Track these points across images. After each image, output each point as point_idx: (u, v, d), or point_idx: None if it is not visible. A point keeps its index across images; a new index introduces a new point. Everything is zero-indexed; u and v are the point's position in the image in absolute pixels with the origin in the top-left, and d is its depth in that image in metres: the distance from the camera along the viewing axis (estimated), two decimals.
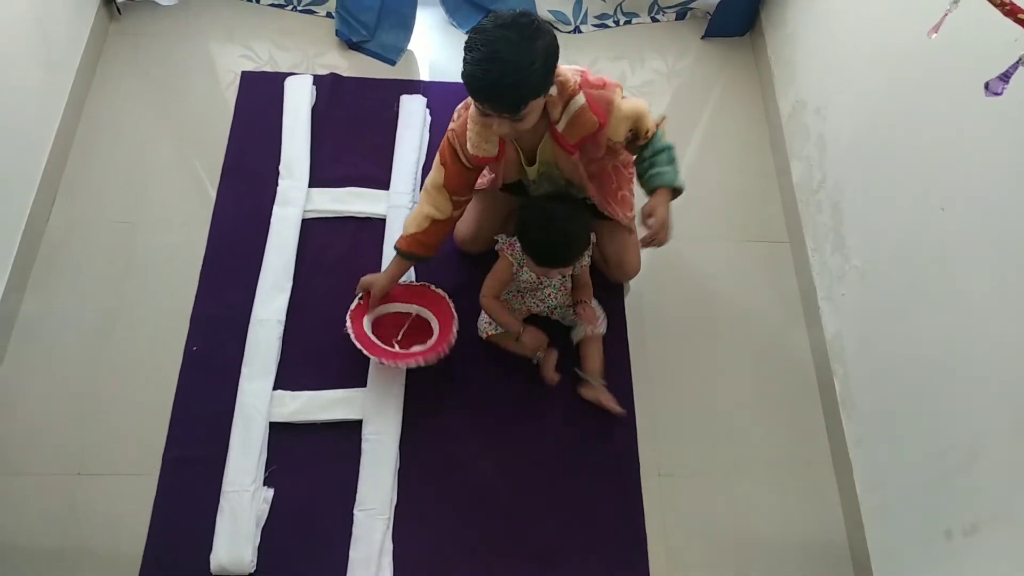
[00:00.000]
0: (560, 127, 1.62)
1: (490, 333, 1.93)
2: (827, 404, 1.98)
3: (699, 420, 1.98)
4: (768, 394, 2.03)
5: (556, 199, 1.77)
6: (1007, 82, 0.75)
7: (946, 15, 0.80)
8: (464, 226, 2.01)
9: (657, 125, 1.72)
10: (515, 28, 1.40)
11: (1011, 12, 0.73)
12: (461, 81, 2.39)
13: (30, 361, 1.88)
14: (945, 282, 1.57)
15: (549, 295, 1.92)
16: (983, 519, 1.43)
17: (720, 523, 1.86)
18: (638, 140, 1.72)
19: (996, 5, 0.74)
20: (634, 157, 1.77)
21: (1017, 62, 0.71)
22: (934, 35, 0.84)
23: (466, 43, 1.44)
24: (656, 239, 1.70)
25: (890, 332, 1.76)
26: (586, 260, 1.88)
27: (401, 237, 1.83)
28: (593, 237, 1.84)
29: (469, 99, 1.62)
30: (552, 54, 1.45)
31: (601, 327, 1.95)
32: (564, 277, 1.90)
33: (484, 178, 1.91)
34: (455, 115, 1.71)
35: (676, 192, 1.73)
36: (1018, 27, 0.75)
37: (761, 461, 1.94)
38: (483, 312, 1.94)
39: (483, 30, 1.42)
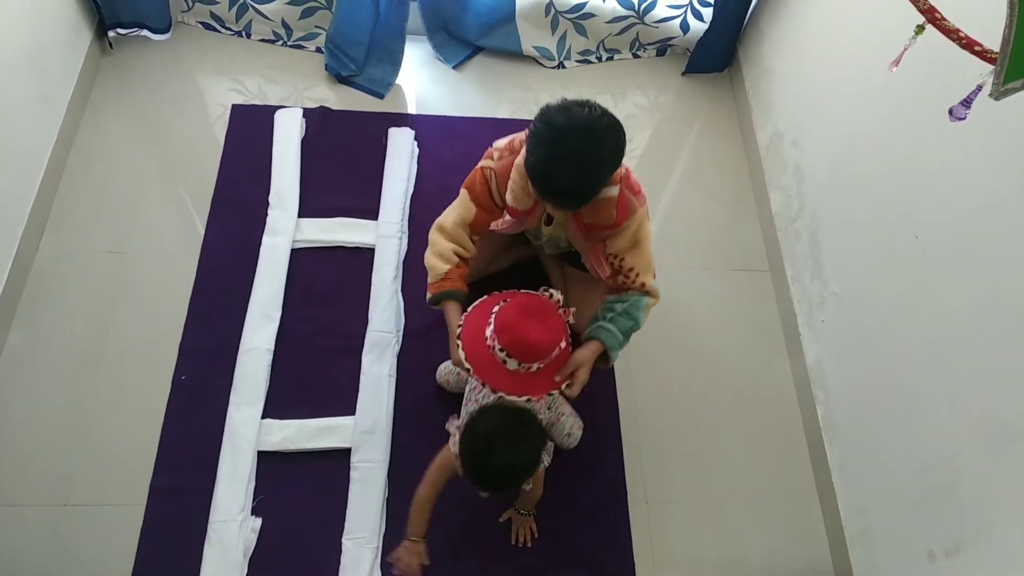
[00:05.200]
0: None
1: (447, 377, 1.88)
2: (810, 429, 2.01)
3: (685, 448, 2.00)
4: (752, 420, 2.05)
5: (506, 416, 1.50)
6: (969, 107, 0.80)
7: (905, 49, 0.85)
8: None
9: (648, 291, 1.65)
10: (588, 135, 1.35)
11: (968, 45, 0.78)
12: (448, 114, 2.44)
13: (17, 391, 1.88)
14: (921, 306, 1.61)
15: None
16: (964, 539, 1.46)
17: (706, 549, 1.87)
18: (619, 276, 1.64)
19: (953, 39, 0.79)
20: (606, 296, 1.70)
21: (977, 88, 0.75)
22: (895, 68, 0.89)
23: (535, 132, 1.38)
24: (568, 392, 1.58)
25: (870, 357, 1.80)
26: (546, 461, 1.64)
27: (436, 282, 1.67)
28: (546, 460, 1.63)
29: (513, 143, 1.61)
30: (620, 152, 1.42)
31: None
32: (551, 409, 1.78)
33: (498, 223, 1.80)
34: (495, 154, 1.64)
35: (603, 359, 1.63)
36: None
37: (746, 487, 1.96)
38: (445, 365, 1.91)
39: (556, 128, 1.35)
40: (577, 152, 1.36)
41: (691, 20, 2.58)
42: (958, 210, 1.50)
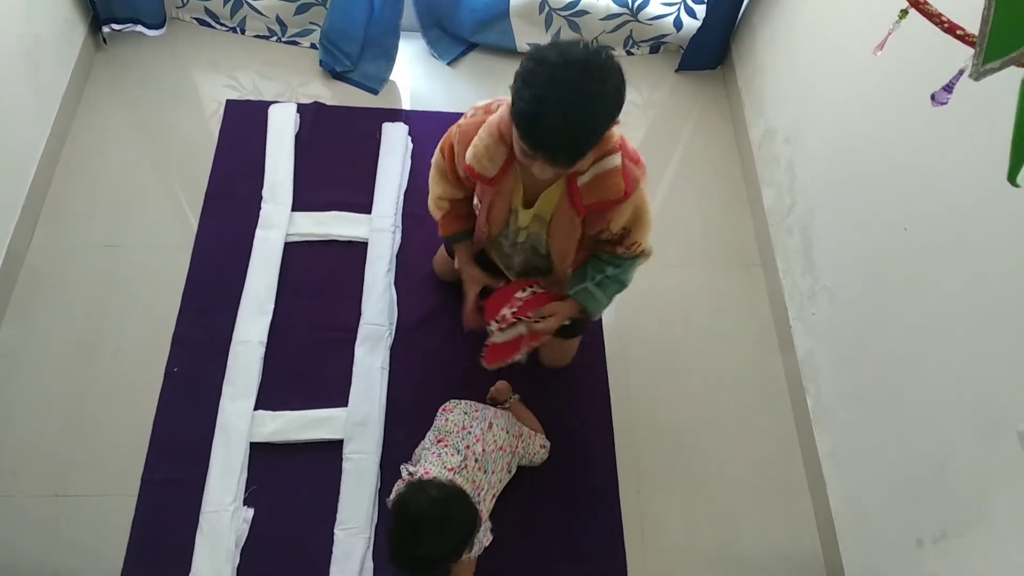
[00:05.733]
0: (581, 180, 1.39)
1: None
2: (800, 421, 2.03)
3: (676, 438, 2.01)
4: (743, 411, 2.07)
5: (434, 507, 1.45)
6: (951, 92, 0.81)
7: (889, 34, 0.86)
8: (442, 260, 2.05)
9: (643, 251, 1.59)
10: (585, 70, 1.17)
11: (950, 29, 0.79)
12: (442, 110, 2.44)
13: (11, 384, 1.88)
14: (911, 298, 1.63)
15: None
16: (952, 526, 1.47)
17: (698, 539, 1.88)
18: (619, 244, 1.55)
19: (936, 23, 0.80)
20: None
21: (959, 73, 0.76)
22: (879, 52, 0.90)
23: (523, 72, 1.20)
24: (536, 326, 1.63)
25: (860, 349, 1.81)
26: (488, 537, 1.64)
27: (439, 225, 1.75)
28: (476, 548, 1.58)
29: (491, 105, 1.46)
30: (620, 99, 1.24)
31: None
32: (508, 434, 1.77)
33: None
34: (470, 111, 1.49)
35: (583, 317, 1.66)
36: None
37: (737, 478, 1.97)
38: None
39: (548, 63, 1.17)
40: (573, 89, 1.16)
41: (684, 17, 2.59)
42: (949, 202, 1.51)
